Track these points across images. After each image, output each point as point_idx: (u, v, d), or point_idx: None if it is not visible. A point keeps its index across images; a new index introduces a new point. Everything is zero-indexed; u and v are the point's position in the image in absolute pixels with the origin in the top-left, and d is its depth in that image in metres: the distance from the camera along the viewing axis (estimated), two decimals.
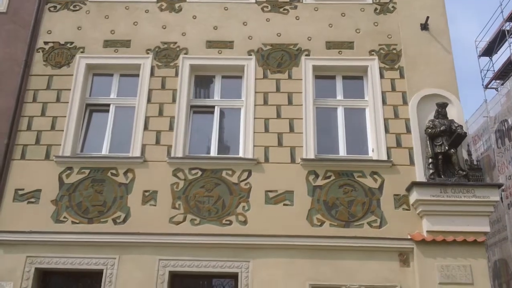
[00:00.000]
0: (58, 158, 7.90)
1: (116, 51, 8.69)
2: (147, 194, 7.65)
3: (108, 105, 8.51)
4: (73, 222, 7.52)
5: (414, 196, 7.33)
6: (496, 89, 16.85)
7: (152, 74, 8.48)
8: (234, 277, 7.28)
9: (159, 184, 7.69)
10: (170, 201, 7.60)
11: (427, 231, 7.21)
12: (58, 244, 7.39)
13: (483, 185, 7.38)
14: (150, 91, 8.35)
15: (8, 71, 8.51)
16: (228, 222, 7.46)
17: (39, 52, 8.73)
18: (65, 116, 8.19)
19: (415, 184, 7.36)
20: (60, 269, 7.36)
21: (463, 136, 7.53)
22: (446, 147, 7.53)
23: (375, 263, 7.18)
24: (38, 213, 7.58)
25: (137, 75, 8.51)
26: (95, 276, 7.32)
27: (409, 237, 7.24)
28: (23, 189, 7.74)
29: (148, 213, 7.53)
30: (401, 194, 7.54)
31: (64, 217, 7.56)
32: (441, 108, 7.82)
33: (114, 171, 7.81)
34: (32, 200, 7.68)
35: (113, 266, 7.25)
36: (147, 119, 8.15)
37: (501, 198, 13.09)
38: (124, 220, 7.51)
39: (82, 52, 8.70)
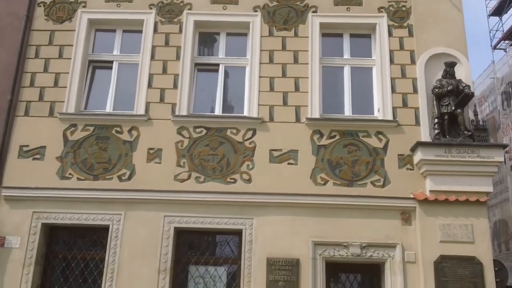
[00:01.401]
0: (62, 115, 7.87)
1: (119, 5, 8.48)
2: (151, 152, 7.67)
3: (111, 62, 8.39)
4: (78, 179, 7.59)
5: (418, 156, 7.33)
6: (505, 49, 16.57)
7: (155, 30, 8.31)
8: (238, 233, 7.40)
9: (164, 142, 7.70)
10: (175, 159, 7.62)
11: (430, 191, 7.25)
12: (64, 200, 7.48)
13: (488, 145, 7.34)
14: (153, 47, 8.21)
15: (9, 26, 8.36)
16: (232, 180, 7.51)
17: (40, 6, 8.52)
18: (68, 73, 8.10)
19: (420, 144, 7.34)
20: (67, 224, 7.47)
21: (470, 96, 7.45)
22: (453, 107, 7.46)
23: (377, 221, 7.26)
24: (44, 169, 7.64)
25: (140, 31, 8.34)
26: (101, 232, 7.45)
27: (411, 196, 7.29)
28: (27, 146, 7.77)
29: (153, 171, 7.57)
30: (406, 154, 7.53)
31: (70, 174, 7.62)
32: (449, 67, 7.68)
33: (118, 129, 7.80)
34: (37, 156, 7.72)
35: (119, 222, 7.36)
36: (151, 77, 8.05)
37: (504, 160, 13.14)
38: (129, 177, 7.56)
39: (84, 6, 8.49)
